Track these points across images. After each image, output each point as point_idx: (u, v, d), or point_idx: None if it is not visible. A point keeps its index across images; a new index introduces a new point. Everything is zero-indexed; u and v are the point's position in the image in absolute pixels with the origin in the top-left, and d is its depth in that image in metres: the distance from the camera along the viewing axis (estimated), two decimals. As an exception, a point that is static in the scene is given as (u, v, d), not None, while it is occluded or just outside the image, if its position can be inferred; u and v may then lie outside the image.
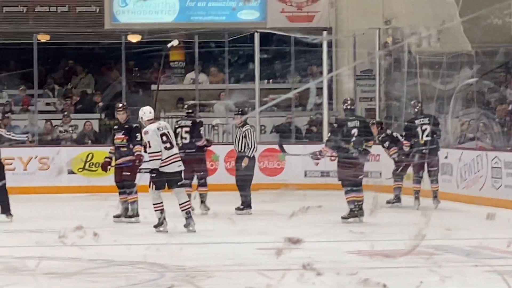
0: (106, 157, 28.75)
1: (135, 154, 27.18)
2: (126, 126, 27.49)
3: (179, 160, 25.23)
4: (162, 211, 25.21)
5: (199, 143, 29.24)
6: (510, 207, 28.79)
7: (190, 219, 24.99)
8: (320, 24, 41.03)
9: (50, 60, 41.85)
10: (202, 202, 29.63)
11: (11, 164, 34.81)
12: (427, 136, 30.29)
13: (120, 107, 28.24)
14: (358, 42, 40.70)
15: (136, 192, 26.97)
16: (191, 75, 42.05)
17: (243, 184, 29.61)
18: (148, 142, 24.98)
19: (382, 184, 31.36)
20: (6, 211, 28.10)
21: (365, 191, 27.84)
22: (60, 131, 39.37)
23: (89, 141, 37.75)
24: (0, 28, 40.65)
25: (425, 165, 30.44)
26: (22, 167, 35.68)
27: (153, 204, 25.34)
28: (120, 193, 27.67)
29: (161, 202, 25.28)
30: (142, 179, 27.09)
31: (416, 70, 37.13)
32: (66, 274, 19.03)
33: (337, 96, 39.23)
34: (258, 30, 39.99)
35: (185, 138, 29.06)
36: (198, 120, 31.02)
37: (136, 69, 41.86)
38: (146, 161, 26.18)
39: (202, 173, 29.44)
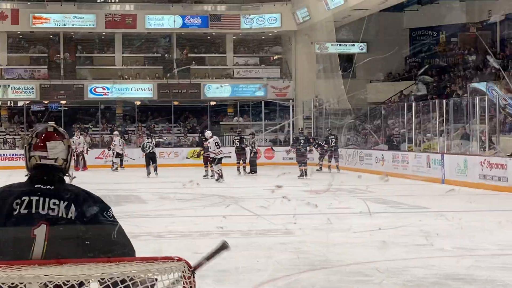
0: (198, 151, 29.50)
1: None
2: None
3: (222, 152, 25.95)
4: (220, 174, 25.41)
5: (243, 146, 29.52)
6: (367, 172, 28.54)
7: (221, 177, 25.35)
8: (289, 97, 40.44)
9: (178, 112, 41.45)
10: (244, 169, 29.59)
11: (162, 154, 34.58)
12: (333, 143, 30.21)
13: (206, 131, 28.61)
14: (304, 105, 40.41)
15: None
16: (236, 118, 41.73)
17: (252, 163, 29.65)
18: (209, 146, 26.10)
19: (314, 163, 31.00)
20: (156, 171, 28.13)
21: (308, 166, 27.71)
22: (183, 141, 39.15)
23: (194, 145, 37.44)
24: (157, 100, 40.30)
25: (333, 155, 30.29)
26: (167, 156, 35.35)
27: (215, 171, 25.71)
28: (205, 166, 27.37)
29: (220, 169, 25.51)
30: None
31: (328, 116, 36.78)
32: (188, 199, 19.05)
33: (295, 127, 38.82)
34: (263, 100, 39.67)
35: (237, 144, 29.61)
36: (242, 136, 31.53)
37: (213, 115, 41.49)
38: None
39: (244, 158, 29.51)
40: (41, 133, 3.60)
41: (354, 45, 40.99)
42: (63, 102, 40.16)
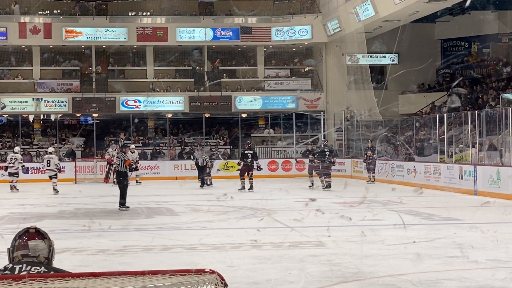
0: (238, 163, 28.10)
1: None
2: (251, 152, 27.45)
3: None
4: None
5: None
6: (400, 184, 28.39)
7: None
8: (320, 109, 40.42)
9: (209, 125, 41.50)
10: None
11: (193, 167, 34.46)
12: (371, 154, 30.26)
13: (247, 143, 28.45)
14: (335, 117, 40.25)
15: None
16: (267, 130, 41.61)
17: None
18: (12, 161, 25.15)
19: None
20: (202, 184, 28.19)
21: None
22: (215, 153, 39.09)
23: (226, 157, 37.33)
24: (189, 113, 40.37)
25: (368, 167, 30.28)
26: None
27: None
28: (241, 178, 26.88)
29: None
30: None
31: (360, 128, 36.67)
32: (221, 212, 18.88)
33: (328, 139, 38.57)
34: (294, 112, 39.64)
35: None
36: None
37: (245, 127, 41.42)
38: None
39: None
40: (23, 234, 3.88)
41: (385, 56, 40.86)
42: (95, 115, 40.45)
